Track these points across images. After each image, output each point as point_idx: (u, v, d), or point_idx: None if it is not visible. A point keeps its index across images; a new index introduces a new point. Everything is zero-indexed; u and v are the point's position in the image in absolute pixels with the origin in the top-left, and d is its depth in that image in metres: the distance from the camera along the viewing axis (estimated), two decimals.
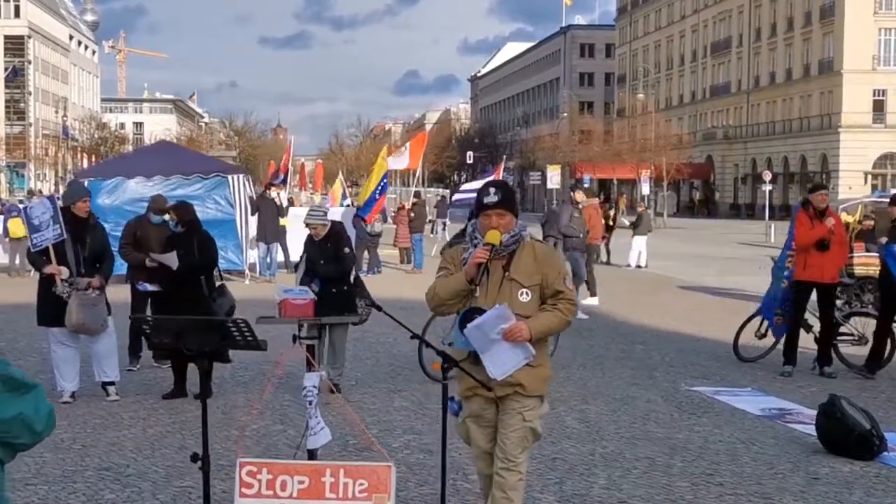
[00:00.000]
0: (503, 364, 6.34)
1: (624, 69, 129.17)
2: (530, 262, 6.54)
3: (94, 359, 12.53)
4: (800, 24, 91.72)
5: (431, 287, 6.68)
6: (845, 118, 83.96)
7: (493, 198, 6.53)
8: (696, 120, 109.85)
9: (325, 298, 12.56)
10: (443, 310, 6.69)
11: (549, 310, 6.49)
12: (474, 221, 6.71)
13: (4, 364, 3.68)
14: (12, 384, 3.76)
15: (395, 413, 11.81)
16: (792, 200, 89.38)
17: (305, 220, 13.05)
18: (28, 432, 3.83)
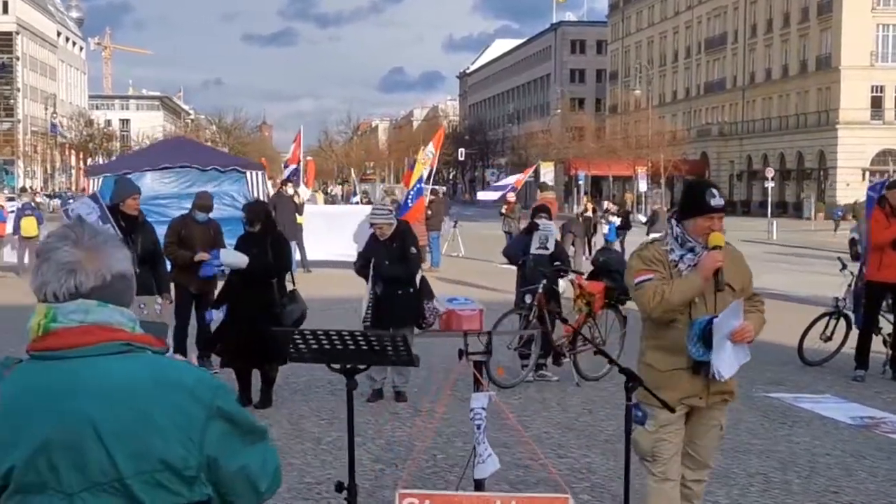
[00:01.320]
0: (730, 365, 6.17)
1: (616, 66, 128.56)
2: (732, 267, 6.33)
3: None
4: (796, 20, 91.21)
5: (652, 293, 6.20)
6: (843, 114, 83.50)
7: (719, 200, 6.27)
8: (690, 116, 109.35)
9: (391, 302, 11.92)
10: (669, 316, 6.26)
11: (754, 311, 6.38)
12: (676, 223, 6.31)
13: (226, 393, 2.88)
14: (243, 427, 2.90)
15: None
16: (789, 197, 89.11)
17: (371, 219, 12.36)
18: (250, 492, 2.93)
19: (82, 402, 2.74)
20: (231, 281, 11.97)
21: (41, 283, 2.84)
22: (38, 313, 2.83)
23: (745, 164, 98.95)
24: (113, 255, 2.89)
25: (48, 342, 2.79)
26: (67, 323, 2.79)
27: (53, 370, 2.77)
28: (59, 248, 2.84)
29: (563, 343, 13.32)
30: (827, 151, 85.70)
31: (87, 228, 2.90)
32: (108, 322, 2.82)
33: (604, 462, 9.63)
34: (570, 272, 13.68)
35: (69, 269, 2.81)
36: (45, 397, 2.76)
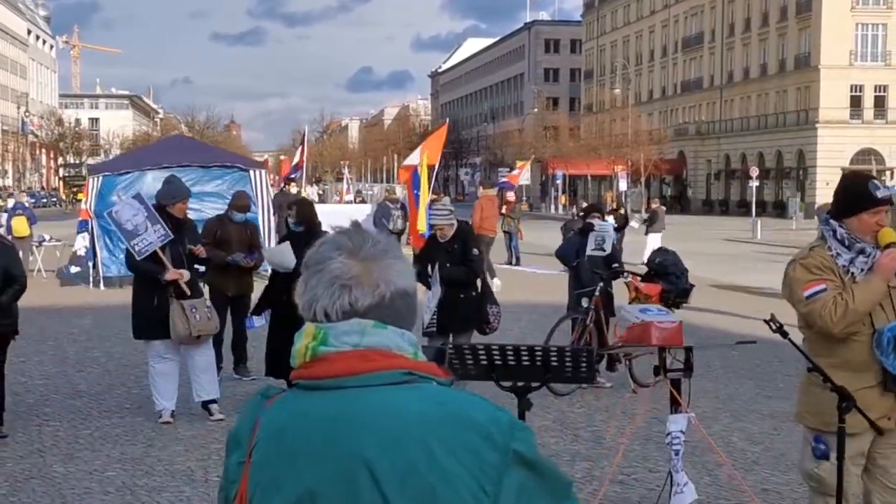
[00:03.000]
0: None
1: (591, 65, 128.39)
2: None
3: (193, 374, 11.22)
4: (775, 20, 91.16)
5: (832, 304, 5.55)
6: (823, 114, 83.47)
7: (885, 192, 5.64)
8: (667, 115, 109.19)
9: (453, 306, 11.36)
10: (853, 329, 5.61)
11: None
12: (837, 224, 5.61)
13: (526, 435, 2.29)
14: (547, 478, 2.32)
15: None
16: (767, 196, 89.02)
17: (430, 219, 11.80)
18: None
19: (357, 440, 2.25)
20: (274, 284, 11.36)
21: (310, 300, 2.35)
22: (305, 334, 2.34)
23: (723, 164, 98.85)
24: (394, 268, 2.38)
25: (317, 369, 2.31)
26: (340, 347, 2.30)
27: (323, 402, 2.29)
28: (332, 258, 2.35)
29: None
30: (806, 151, 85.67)
31: (366, 236, 2.40)
32: (388, 346, 2.32)
33: (699, 476, 9.11)
34: (628, 273, 13.16)
35: (343, 284, 2.32)
36: (313, 433, 2.29)
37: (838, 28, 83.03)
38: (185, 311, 10.73)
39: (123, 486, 8.79)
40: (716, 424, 11.11)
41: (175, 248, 10.93)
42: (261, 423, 2.35)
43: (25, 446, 10.10)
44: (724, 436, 10.60)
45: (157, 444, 10.13)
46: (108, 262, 24.83)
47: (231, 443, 2.44)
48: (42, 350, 15.42)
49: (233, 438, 2.44)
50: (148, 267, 10.87)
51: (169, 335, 10.81)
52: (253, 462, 2.34)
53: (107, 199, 25.17)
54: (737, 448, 10.13)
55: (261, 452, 2.34)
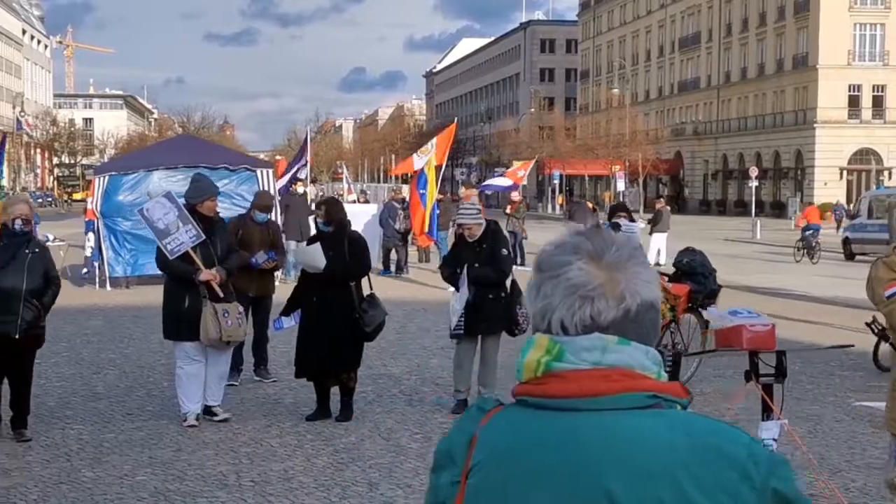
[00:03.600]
0: None
1: (587, 65, 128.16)
2: None
3: (207, 379, 11.01)
4: (772, 19, 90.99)
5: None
6: (821, 114, 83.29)
7: None
8: (663, 115, 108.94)
9: (482, 308, 11.19)
10: None
11: None
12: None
13: (785, 470, 2.04)
14: None
15: None
16: (765, 196, 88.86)
17: (458, 219, 11.61)
18: None
19: (599, 470, 2.01)
20: (304, 285, 11.15)
21: (544, 309, 2.10)
22: (536, 346, 2.09)
23: (721, 164, 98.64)
24: (640, 277, 2.10)
25: (550, 387, 2.05)
26: (578, 364, 2.05)
27: (555, 424, 2.04)
28: (570, 263, 2.08)
29: None
30: (804, 151, 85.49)
31: (608, 239, 2.12)
32: (631, 365, 2.06)
33: None
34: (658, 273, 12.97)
35: (585, 295, 2.06)
36: (548, 459, 2.04)
37: (836, 28, 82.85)
38: (218, 315, 10.56)
39: (156, 492, 8.61)
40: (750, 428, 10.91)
41: (206, 248, 10.75)
42: (480, 441, 2.12)
43: (51, 450, 9.91)
44: None
45: (186, 448, 9.94)
46: (113, 262, 24.64)
47: (441, 459, 2.20)
48: (56, 352, 15.20)
49: (443, 454, 2.20)
50: (180, 267, 10.69)
51: (199, 337, 10.62)
52: (472, 484, 2.11)
53: (113, 199, 25.00)
54: (779, 451, 9.93)
55: (483, 475, 2.10)
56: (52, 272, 10.32)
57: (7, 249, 9.95)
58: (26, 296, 9.88)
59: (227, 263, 10.95)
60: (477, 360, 11.56)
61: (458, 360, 11.50)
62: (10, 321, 9.85)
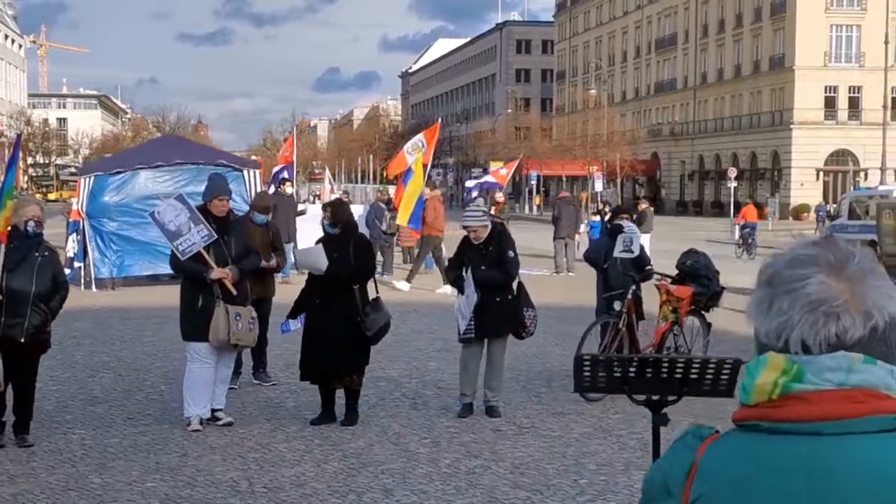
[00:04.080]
0: None
1: (563, 65, 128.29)
2: None
3: None
4: (749, 21, 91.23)
5: None
6: (797, 115, 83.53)
7: None
8: (640, 116, 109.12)
9: (489, 310, 11.08)
10: None
11: None
12: None
13: None
14: None
15: (593, 442, 10.29)
16: (742, 197, 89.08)
17: (463, 221, 11.50)
18: None
19: (843, 499, 1.86)
20: (309, 288, 11.02)
21: (780, 326, 1.95)
22: (770, 367, 1.94)
23: (697, 164, 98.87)
24: (884, 291, 1.95)
25: (791, 410, 1.92)
26: (821, 384, 1.91)
27: (795, 449, 1.91)
28: (809, 277, 1.93)
29: (650, 352, 12.54)
30: (781, 152, 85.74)
31: (848, 250, 1.98)
32: (876, 385, 1.92)
33: None
34: (661, 276, 12.91)
35: (829, 311, 1.91)
36: (784, 487, 1.90)
37: (813, 29, 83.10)
38: (230, 317, 10.44)
39: (167, 498, 8.48)
40: None
41: (219, 248, 10.63)
42: (702, 471, 1.98)
43: (55, 456, 9.76)
44: None
45: (192, 453, 9.81)
46: (99, 263, 24.42)
47: (654, 491, 2.05)
48: (48, 354, 14.93)
49: (657, 486, 2.05)
50: (192, 266, 10.58)
51: (209, 337, 10.50)
52: None
53: (99, 200, 24.78)
54: None
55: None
56: (61, 276, 10.20)
57: (18, 251, 9.79)
58: (34, 299, 9.74)
59: (243, 263, 10.84)
60: (483, 363, 11.46)
61: (464, 363, 11.39)
62: (17, 324, 9.70)
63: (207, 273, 10.46)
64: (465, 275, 11.19)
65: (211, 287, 10.47)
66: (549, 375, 13.83)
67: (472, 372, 11.34)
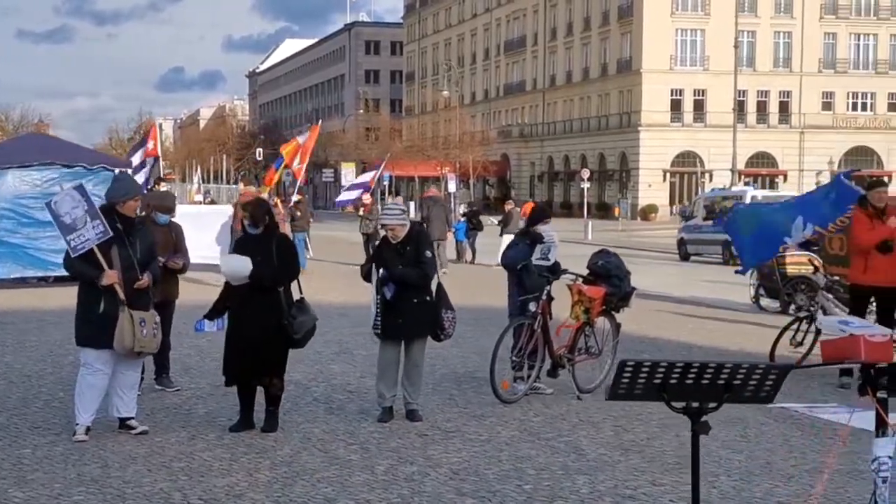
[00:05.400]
0: None
1: (412, 67, 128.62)
2: None
3: (119, 390, 10.44)
4: (597, 24, 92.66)
5: None
6: (644, 117, 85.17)
7: None
8: (490, 118, 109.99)
9: (407, 311, 10.89)
10: None
11: None
12: None
13: None
14: None
15: (525, 445, 10.16)
16: (591, 198, 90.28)
17: (381, 220, 11.28)
18: None
19: None
20: (231, 289, 10.66)
21: None
22: None
23: (547, 165, 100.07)
24: None
25: None
26: None
27: None
28: None
29: (561, 353, 12.48)
30: (629, 153, 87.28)
31: None
32: None
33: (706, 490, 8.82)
34: (576, 276, 12.84)
35: None
36: None
37: (659, 33, 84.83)
38: (135, 323, 10.00)
39: None
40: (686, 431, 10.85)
41: (125, 250, 10.17)
42: None
43: None
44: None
45: (113, 463, 9.38)
46: None
47: None
48: None
49: None
50: (82, 269, 10.06)
51: (111, 344, 10.04)
52: None
53: None
54: (721, 456, 9.88)
55: None
56: None
57: None
58: None
59: (151, 268, 10.44)
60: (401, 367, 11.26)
61: (382, 366, 11.17)
62: None
63: (99, 277, 9.98)
64: (377, 271, 10.95)
65: (114, 291, 10.01)
66: (456, 377, 13.71)
67: (390, 375, 11.13)
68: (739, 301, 24.52)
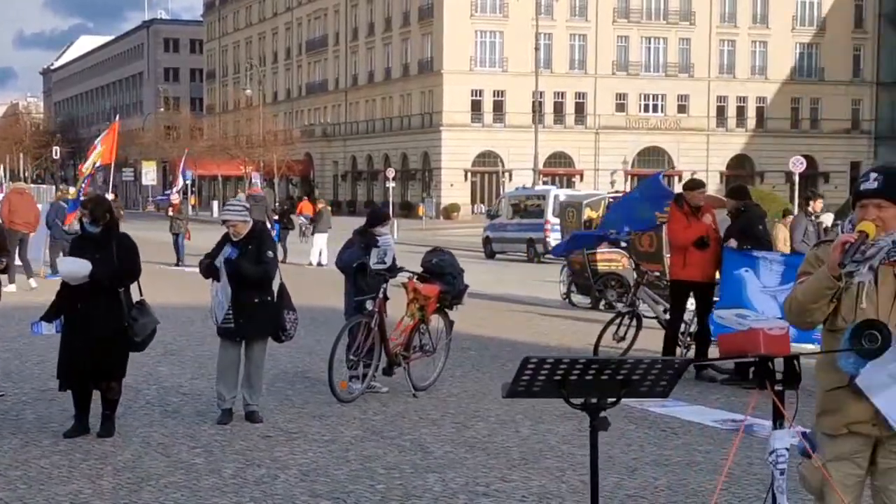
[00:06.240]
0: None
1: (213, 65, 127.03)
2: None
3: None
4: (398, 25, 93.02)
5: (791, 296, 5.33)
6: (446, 117, 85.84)
7: (871, 184, 5.26)
8: (293, 117, 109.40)
9: (249, 312, 10.78)
10: (805, 318, 5.31)
11: None
12: (852, 215, 5.41)
13: None
14: None
15: (356, 442, 10.17)
16: (394, 197, 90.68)
17: (222, 215, 11.10)
18: None
19: None
20: (67, 290, 10.33)
21: None
22: None
23: (350, 165, 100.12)
24: None
25: None
26: None
27: None
28: None
29: (397, 351, 12.50)
30: (431, 153, 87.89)
31: None
32: None
33: (555, 485, 8.99)
34: (413, 274, 12.86)
35: None
36: None
37: (459, 34, 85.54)
38: None
39: None
40: (524, 428, 11.03)
41: None
42: None
43: None
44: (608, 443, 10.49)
45: None
46: None
47: None
48: None
49: None
50: None
51: None
52: None
53: None
54: (563, 451, 10.05)
55: None
56: None
57: None
58: None
59: None
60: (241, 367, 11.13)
61: (221, 367, 11.01)
62: None
63: None
64: (218, 265, 10.80)
65: None
66: (288, 378, 13.62)
67: (230, 376, 10.99)
68: (551, 298, 24.99)
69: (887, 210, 5.22)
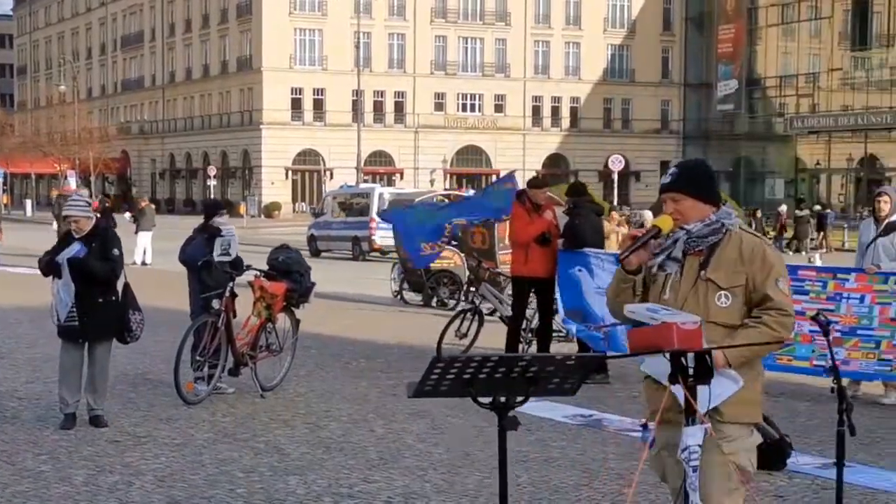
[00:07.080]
0: (704, 396, 5.03)
1: (24, 60, 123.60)
2: (733, 259, 5.35)
3: None
4: (216, 21, 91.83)
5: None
6: (266, 115, 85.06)
7: (667, 178, 5.48)
8: (109, 114, 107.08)
9: (92, 312, 10.45)
10: (617, 309, 5.48)
11: (752, 324, 5.31)
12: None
13: None
14: None
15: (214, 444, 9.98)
16: (203, 195, 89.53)
17: (64, 210, 10.71)
18: None
19: None
20: None
21: None
22: None
23: (168, 163, 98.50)
24: None
25: None
26: None
27: None
28: None
29: (244, 351, 12.28)
30: (251, 151, 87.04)
31: None
32: None
33: (419, 484, 8.95)
34: (260, 272, 12.61)
35: None
36: None
37: (278, 32, 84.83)
38: None
39: None
40: (378, 428, 10.96)
41: None
42: None
43: None
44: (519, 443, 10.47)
45: None
46: None
47: None
48: None
49: None
50: None
51: None
52: None
53: None
54: (420, 450, 10.03)
55: None
56: None
57: None
58: None
59: None
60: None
61: (64, 370, 10.65)
62: None
63: None
64: (60, 261, 10.43)
65: None
66: (129, 380, 13.28)
67: (73, 379, 10.65)
68: (381, 295, 24.96)
69: (683, 202, 5.41)
